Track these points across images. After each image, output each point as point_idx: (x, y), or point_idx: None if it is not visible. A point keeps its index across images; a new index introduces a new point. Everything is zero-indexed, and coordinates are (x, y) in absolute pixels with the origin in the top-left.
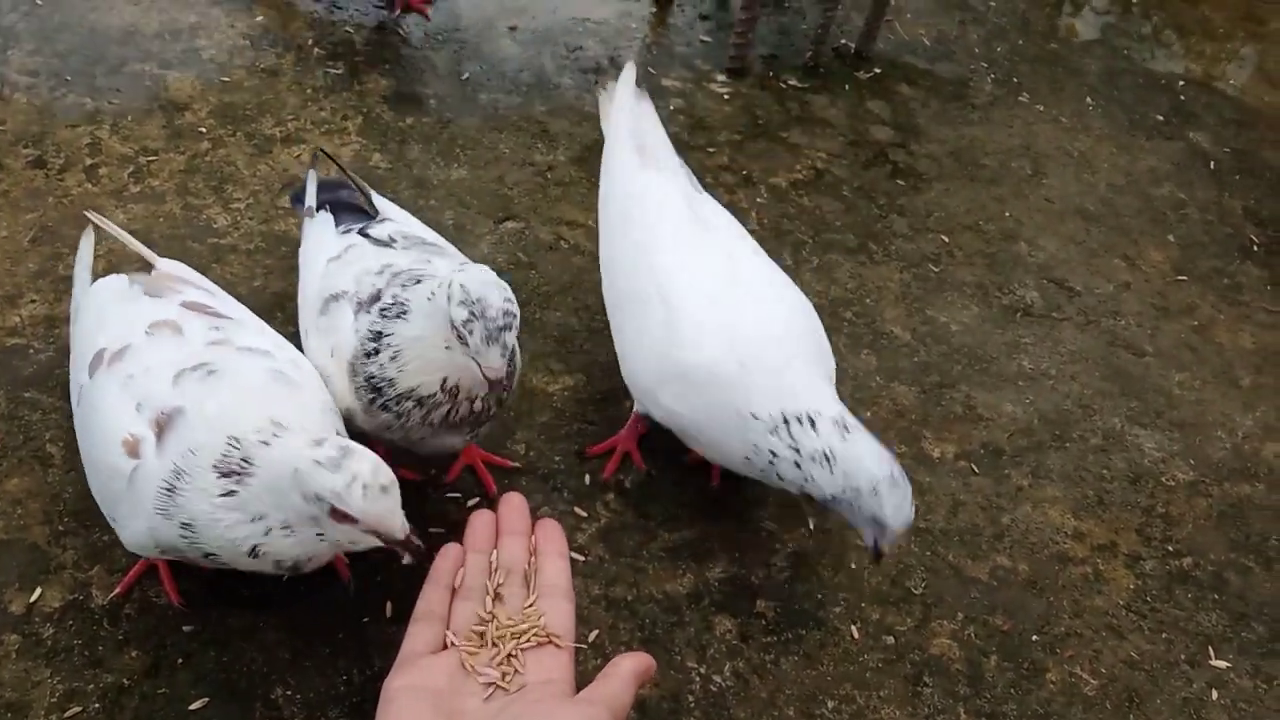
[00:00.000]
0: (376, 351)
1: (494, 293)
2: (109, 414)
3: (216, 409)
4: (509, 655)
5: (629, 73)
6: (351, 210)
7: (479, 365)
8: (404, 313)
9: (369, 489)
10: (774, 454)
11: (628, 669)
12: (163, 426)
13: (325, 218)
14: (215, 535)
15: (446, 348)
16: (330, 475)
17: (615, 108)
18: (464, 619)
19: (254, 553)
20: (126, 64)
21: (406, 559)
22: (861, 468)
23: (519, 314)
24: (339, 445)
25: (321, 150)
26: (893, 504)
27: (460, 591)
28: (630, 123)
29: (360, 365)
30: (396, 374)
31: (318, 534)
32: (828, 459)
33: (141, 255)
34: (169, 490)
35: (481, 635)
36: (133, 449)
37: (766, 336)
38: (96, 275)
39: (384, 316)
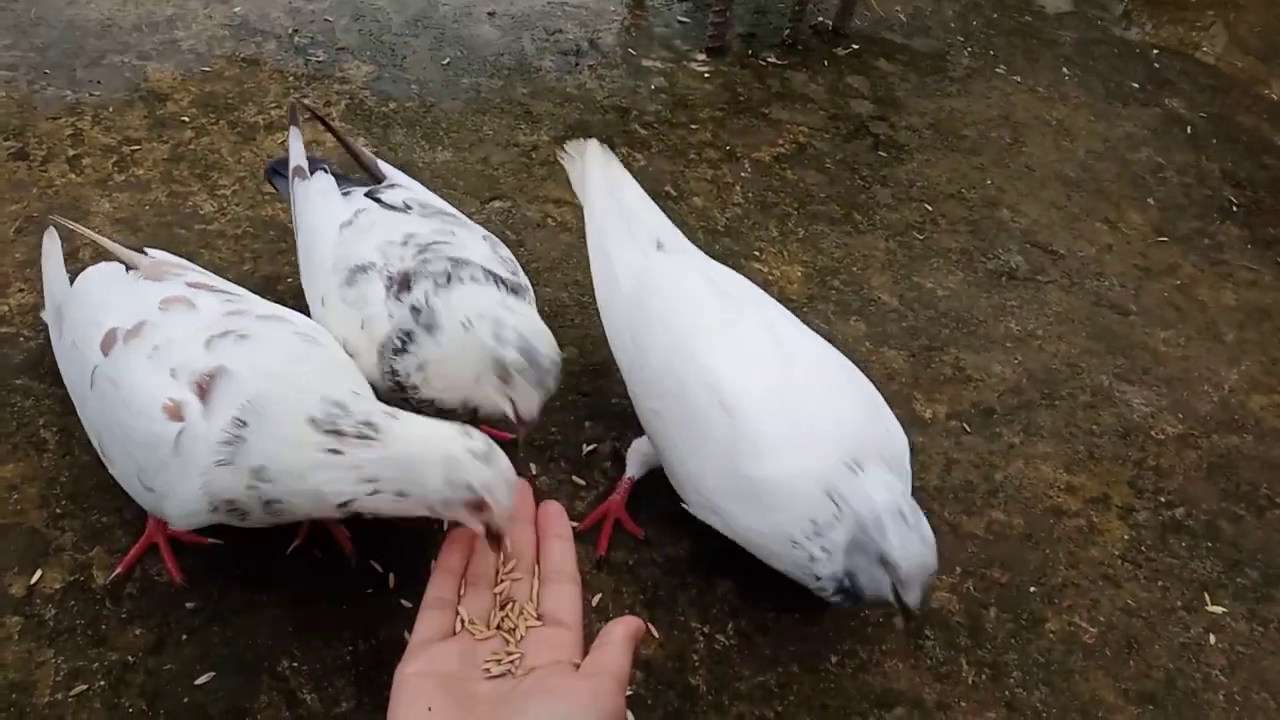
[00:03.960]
0: (404, 351)
1: (544, 340)
2: (140, 385)
3: (270, 364)
4: (518, 640)
5: (595, 147)
6: (345, 175)
7: (514, 405)
8: (434, 326)
9: (509, 486)
10: (812, 558)
11: (620, 634)
12: (205, 388)
13: (326, 179)
14: (300, 486)
15: (475, 379)
16: (484, 469)
17: (590, 187)
18: (473, 605)
19: (346, 505)
20: (105, 56)
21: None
22: (866, 499)
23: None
24: (485, 440)
25: (308, 109)
26: (899, 539)
27: (468, 578)
28: (615, 205)
29: (389, 358)
30: (421, 382)
31: (429, 507)
32: (836, 503)
33: (120, 256)
34: (231, 441)
35: (490, 621)
36: (175, 413)
37: (839, 440)
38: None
39: (415, 319)
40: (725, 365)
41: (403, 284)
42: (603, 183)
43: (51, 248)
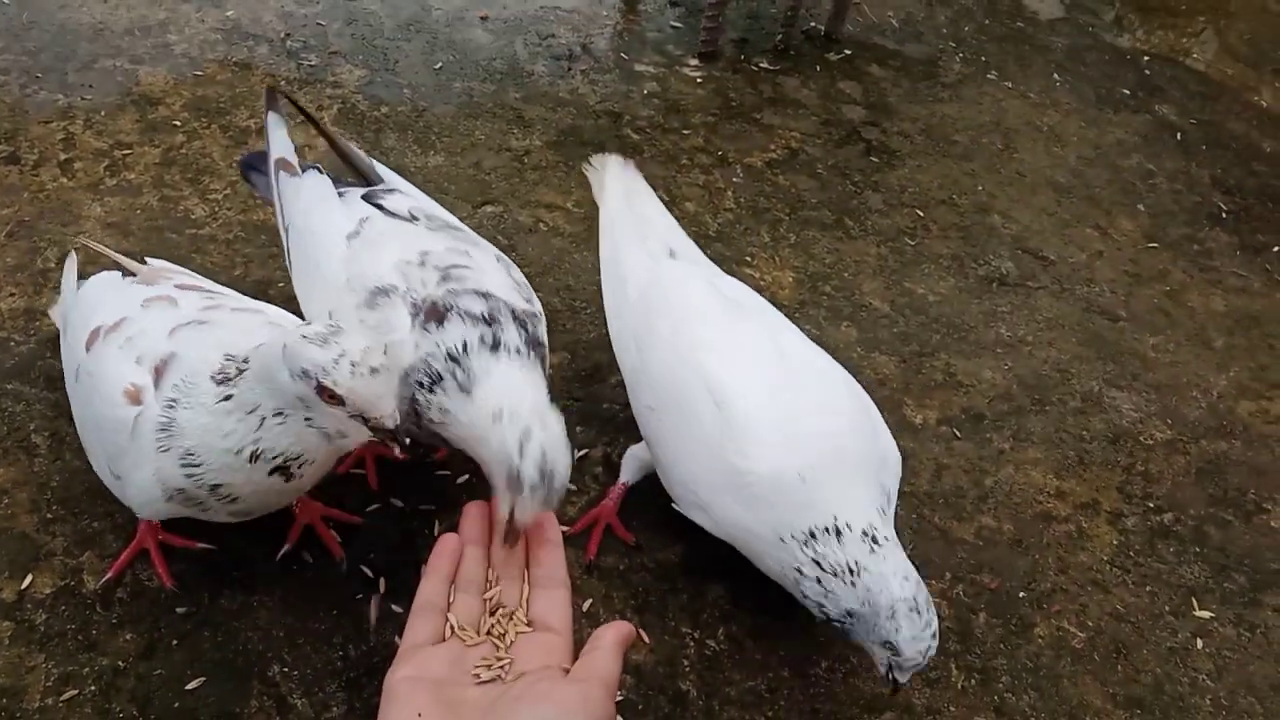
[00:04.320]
0: (431, 391)
1: (564, 462)
2: (110, 373)
3: (212, 341)
4: (508, 645)
5: (616, 161)
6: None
7: (512, 509)
8: (469, 391)
9: (357, 367)
10: (799, 571)
11: (610, 639)
12: (160, 372)
13: (321, 180)
14: (214, 451)
15: (484, 459)
16: (318, 350)
17: (608, 195)
18: (463, 610)
19: (254, 457)
20: (97, 60)
21: (397, 452)
22: (885, 586)
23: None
24: (330, 325)
25: (288, 97)
26: (910, 632)
27: (458, 583)
28: (630, 213)
29: (410, 385)
30: (438, 426)
31: (306, 419)
32: (851, 572)
33: (129, 268)
34: (165, 425)
35: (480, 626)
36: (134, 397)
37: (828, 442)
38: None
39: (450, 368)
40: (722, 364)
41: (431, 314)
42: (620, 191)
43: (69, 270)
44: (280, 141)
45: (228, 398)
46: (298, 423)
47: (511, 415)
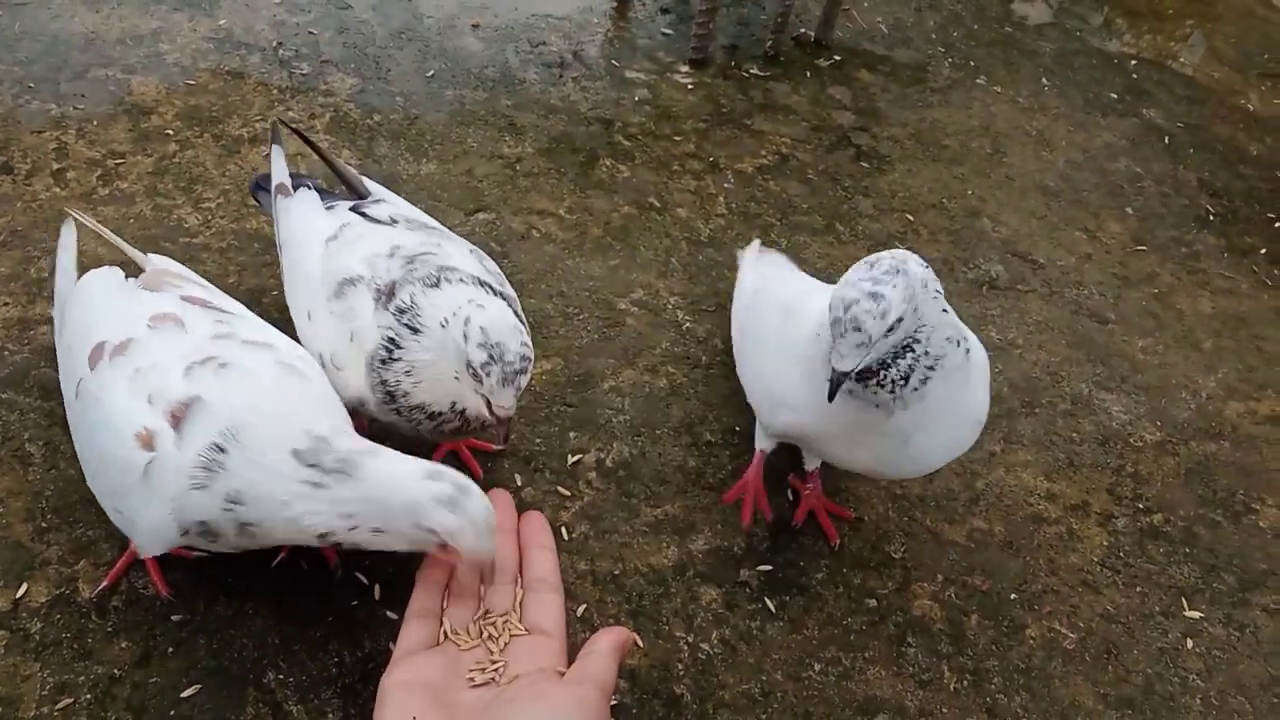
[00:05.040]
0: (392, 359)
1: (513, 337)
2: (118, 408)
3: (246, 396)
4: (501, 649)
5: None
6: (328, 191)
7: (489, 402)
8: (418, 329)
9: (481, 533)
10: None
11: (607, 644)
12: (179, 417)
13: (309, 195)
14: (280, 513)
15: (455, 378)
16: (449, 516)
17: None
18: (457, 615)
19: (325, 537)
20: (90, 70)
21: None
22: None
23: (534, 356)
24: (455, 483)
25: (289, 126)
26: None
27: (452, 589)
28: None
29: (377, 369)
30: (411, 388)
31: (408, 543)
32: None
33: (126, 253)
34: (209, 466)
35: (474, 630)
36: (147, 442)
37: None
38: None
39: (400, 322)
40: (791, 289)
41: (389, 293)
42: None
43: (67, 241)
44: (280, 170)
45: (316, 484)
46: (394, 539)
47: (453, 314)
